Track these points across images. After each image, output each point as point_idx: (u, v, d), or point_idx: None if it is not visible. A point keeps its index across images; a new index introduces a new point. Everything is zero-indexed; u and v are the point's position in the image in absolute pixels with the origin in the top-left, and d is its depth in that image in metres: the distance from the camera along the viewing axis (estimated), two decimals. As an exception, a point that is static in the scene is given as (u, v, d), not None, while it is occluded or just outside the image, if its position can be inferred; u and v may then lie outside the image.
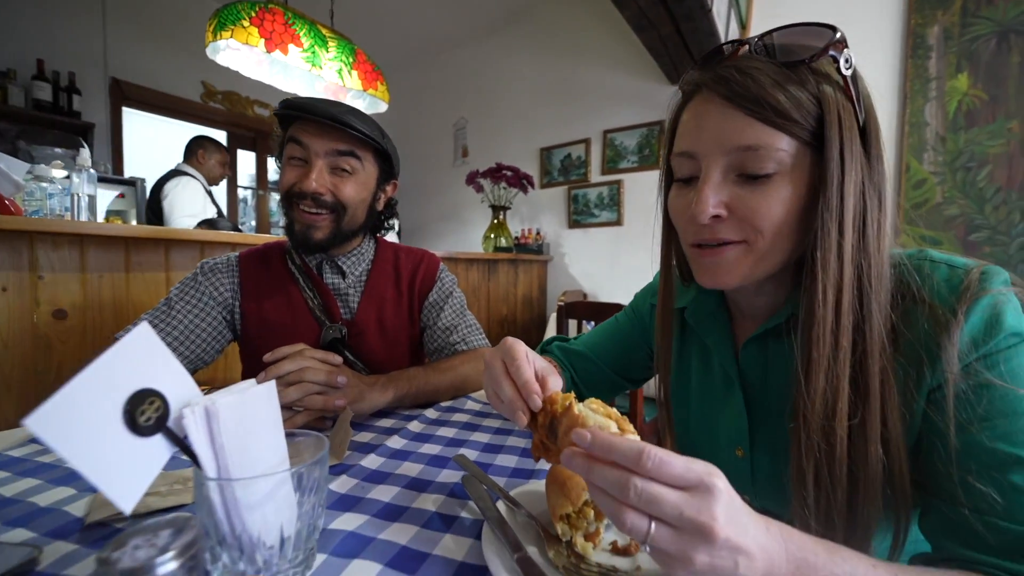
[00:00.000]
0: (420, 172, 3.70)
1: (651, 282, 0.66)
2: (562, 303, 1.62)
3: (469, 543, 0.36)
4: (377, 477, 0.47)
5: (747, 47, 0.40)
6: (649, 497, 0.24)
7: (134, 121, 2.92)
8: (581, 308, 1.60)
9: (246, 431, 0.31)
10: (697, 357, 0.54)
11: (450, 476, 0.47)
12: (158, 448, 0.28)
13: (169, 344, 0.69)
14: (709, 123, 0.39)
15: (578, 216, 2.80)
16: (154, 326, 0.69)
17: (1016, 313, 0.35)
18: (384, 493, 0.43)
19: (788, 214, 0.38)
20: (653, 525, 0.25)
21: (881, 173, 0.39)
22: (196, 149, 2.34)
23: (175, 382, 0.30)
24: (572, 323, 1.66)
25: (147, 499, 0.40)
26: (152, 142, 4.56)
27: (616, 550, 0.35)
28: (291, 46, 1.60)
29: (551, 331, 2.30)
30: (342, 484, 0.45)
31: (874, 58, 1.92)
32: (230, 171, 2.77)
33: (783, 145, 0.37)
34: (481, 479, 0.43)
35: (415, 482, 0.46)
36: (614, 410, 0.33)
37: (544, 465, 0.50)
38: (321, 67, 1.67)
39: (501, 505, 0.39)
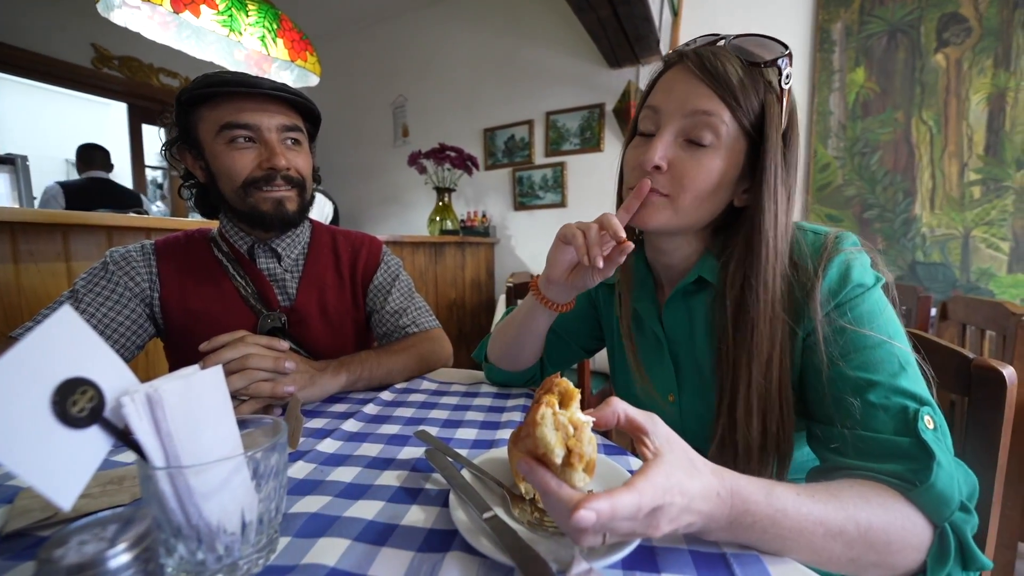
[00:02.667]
0: (357, 152, 3.51)
1: None
2: (510, 285, 1.65)
3: (436, 511, 0.37)
4: (336, 460, 0.46)
5: (723, 41, 0.48)
6: (611, 531, 0.27)
7: (11, 90, 2.48)
8: (528, 289, 1.64)
9: (194, 418, 0.30)
10: (633, 322, 0.62)
11: (412, 453, 0.48)
12: (95, 441, 0.26)
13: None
14: (679, 86, 0.47)
15: (523, 198, 2.82)
16: (62, 320, 0.62)
17: (862, 268, 0.44)
18: (345, 474, 0.43)
19: (711, 183, 0.46)
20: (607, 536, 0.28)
21: (794, 177, 0.47)
22: None
23: (108, 370, 0.28)
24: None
25: (78, 502, 0.36)
26: (35, 115, 3.91)
27: (575, 501, 0.38)
28: (203, 7, 1.43)
29: (499, 314, 2.32)
30: (300, 469, 0.44)
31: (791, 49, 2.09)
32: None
33: (726, 119, 0.45)
34: (444, 451, 0.44)
35: (376, 461, 0.46)
36: (579, 419, 0.30)
37: (503, 435, 0.52)
38: (241, 33, 1.52)
39: (465, 473, 0.40)
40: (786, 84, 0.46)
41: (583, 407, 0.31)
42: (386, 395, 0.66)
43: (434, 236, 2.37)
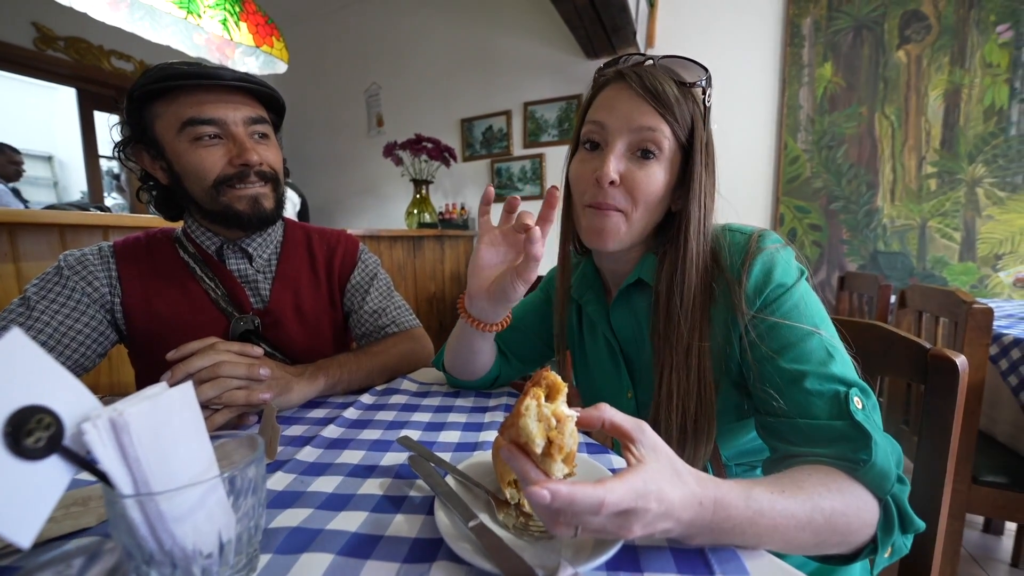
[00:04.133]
0: (330, 142, 3.40)
1: (555, 264, 0.74)
2: (491, 277, 1.64)
3: (421, 519, 0.37)
4: (316, 469, 0.45)
5: (652, 61, 0.52)
6: (580, 524, 0.28)
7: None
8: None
9: (164, 439, 0.28)
10: (587, 327, 0.65)
11: (394, 459, 0.47)
12: (55, 471, 0.24)
13: (36, 350, 0.58)
14: (622, 104, 0.50)
15: (502, 190, 2.80)
16: (11, 330, 0.58)
17: (784, 266, 0.47)
18: (326, 484, 0.42)
19: (659, 191, 0.50)
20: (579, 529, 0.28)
21: (713, 180, 0.52)
22: None
23: (66, 394, 0.26)
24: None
25: (37, 529, 0.34)
26: (-31, 98, 3.62)
27: (560, 504, 0.38)
28: (158, -14, 1.35)
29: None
30: (279, 481, 0.43)
31: (761, 44, 2.13)
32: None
33: (668, 134, 0.49)
34: (428, 457, 0.44)
35: (358, 469, 0.45)
36: (563, 413, 0.31)
37: (487, 436, 0.52)
38: (200, 15, 1.44)
39: (450, 479, 0.40)
40: (709, 102, 0.51)
41: (570, 404, 0.32)
42: (367, 398, 0.65)
43: (412, 230, 2.34)
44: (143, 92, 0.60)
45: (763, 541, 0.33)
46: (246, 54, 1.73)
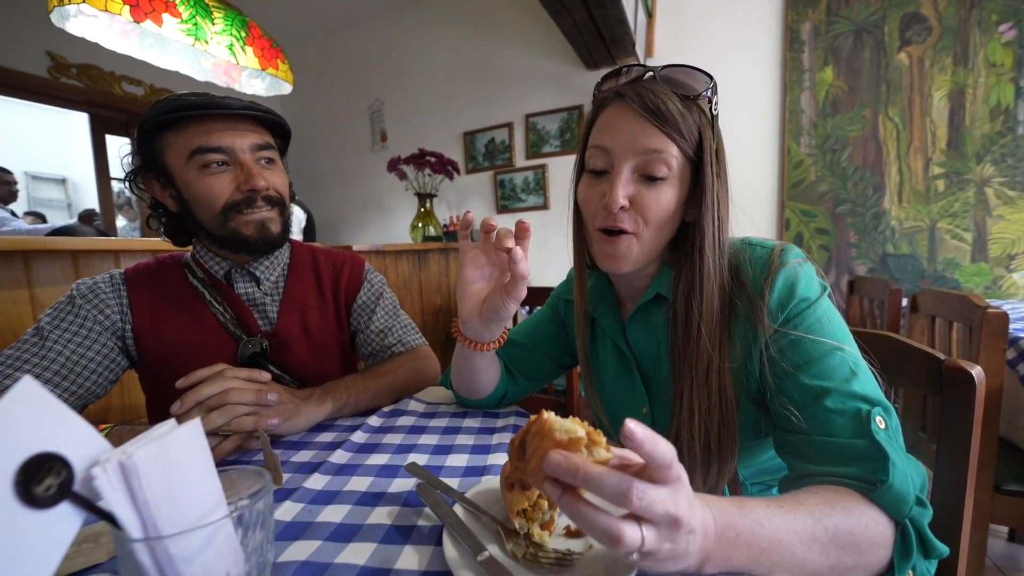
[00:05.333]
0: (335, 158, 3.44)
1: (563, 280, 0.74)
2: (496, 290, 1.64)
3: (430, 551, 0.36)
4: (324, 498, 0.45)
5: (652, 73, 0.50)
6: (649, 500, 0.25)
7: (-43, 101, 2.36)
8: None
9: (172, 480, 0.29)
10: (601, 340, 0.63)
11: (402, 485, 0.47)
12: (65, 517, 0.24)
13: (49, 380, 0.59)
14: (624, 126, 0.48)
15: (506, 201, 2.82)
16: (26, 361, 0.59)
17: (807, 280, 0.46)
18: (334, 514, 0.42)
19: (670, 210, 0.49)
20: (644, 530, 0.26)
21: (727, 189, 0.50)
22: None
23: (76, 437, 0.26)
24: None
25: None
26: (-13, 126, 3.72)
27: (570, 533, 0.38)
28: (166, 15, 1.38)
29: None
30: (287, 511, 0.43)
31: (761, 50, 2.14)
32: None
33: (675, 153, 0.48)
34: (435, 484, 0.43)
35: (366, 496, 0.45)
36: (582, 423, 0.31)
37: (495, 460, 0.51)
38: (207, 42, 1.47)
39: (458, 508, 0.40)
40: (715, 110, 0.50)
41: (575, 413, 0.32)
42: (374, 420, 0.65)
43: (417, 243, 2.35)
44: (154, 123, 0.62)
45: (774, 561, 0.32)
46: (252, 77, 1.77)
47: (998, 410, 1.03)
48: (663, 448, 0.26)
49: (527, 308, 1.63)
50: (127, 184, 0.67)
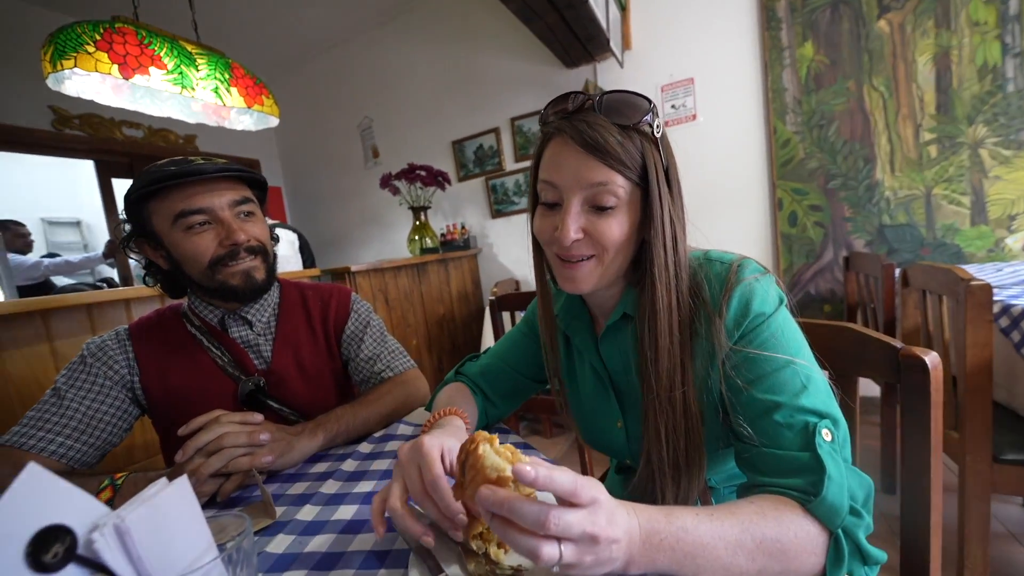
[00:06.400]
0: (331, 177, 3.52)
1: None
2: (493, 298, 1.67)
3: (400, 574, 0.41)
4: (314, 528, 0.50)
5: (591, 101, 0.50)
6: (565, 524, 0.30)
7: (-29, 161, 2.49)
8: (512, 300, 1.66)
9: (162, 534, 0.33)
10: (576, 356, 0.65)
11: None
12: (71, 577, 0.29)
13: (68, 436, 0.65)
14: (568, 162, 0.49)
15: (499, 205, 2.85)
16: (47, 420, 0.65)
17: (762, 296, 0.48)
18: (321, 544, 0.47)
19: (624, 236, 0.50)
20: (563, 547, 0.30)
21: (680, 206, 0.51)
22: None
23: (78, 508, 0.31)
24: (506, 315, 1.72)
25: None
26: (3, 180, 3.89)
27: (524, 549, 0.42)
28: (153, 68, 1.45)
29: (487, 326, 2.36)
30: (280, 543, 0.47)
31: (738, 31, 2.12)
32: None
33: (620, 183, 0.49)
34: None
35: (351, 524, 0.50)
36: (510, 447, 0.37)
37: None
38: (193, 89, 1.54)
39: (427, 532, 0.44)
40: (658, 132, 0.50)
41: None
42: (364, 447, 0.69)
43: (415, 257, 2.40)
44: (138, 195, 0.67)
45: (700, 565, 0.35)
46: (240, 114, 1.83)
47: (989, 381, 1.03)
48: (560, 480, 0.30)
49: (511, 314, 1.67)
50: (122, 249, 0.73)
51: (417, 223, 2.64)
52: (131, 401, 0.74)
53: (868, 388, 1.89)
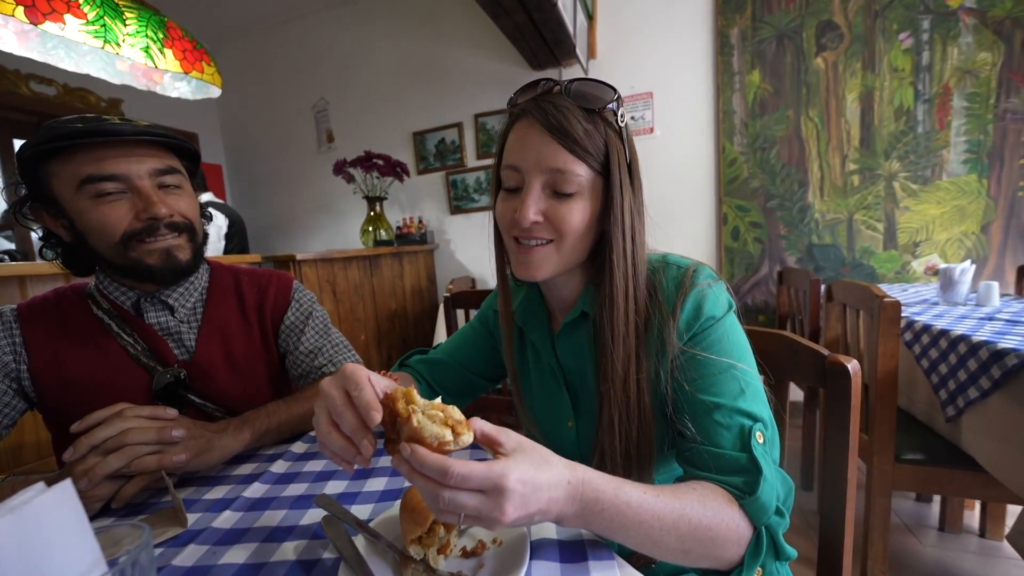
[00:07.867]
0: (280, 160, 3.30)
1: (493, 291, 0.74)
2: (448, 294, 1.64)
3: (328, 585, 0.37)
4: (232, 537, 0.45)
5: (559, 87, 0.50)
6: (454, 505, 0.32)
7: None
8: (467, 297, 1.63)
9: (34, 549, 0.28)
10: (531, 353, 0.64)
11: (315, 516, 0.47)
12: None
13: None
14: (532, 144, 0.49)
15: (459, 202, 2.81)
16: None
17: (714, 300, 0.50)
18: (239, 554, 0.42)
19: (583, 223, 0.50)
20: (468, 498, 0.32)
21: (641, 200, 0.52)
22: None
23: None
24: (460, 312, 1.69)
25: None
26: None
27: (465, 554, 0.40)
28: (68, 16, 1.28)
29: (440, 322, 2.31)
30: (189, 556, 0.42)
31: (696, 53, 2.23)
32: None
33: (581, 171, 0.49)
34: (341, 516, 0.44)
35: (276, 532, 0.45)
36: (455, 413, 0.35)
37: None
38: (119, 44, 1.37)
39: (360, 539, 0.41)
40: (622, 122, 0.50)
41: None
42: (298, 447, 0.64)
43: (367, 249, 2.30)
44: (34, 152, 0.58)
45: (631, 536, 0.37)
46: (175, 79, 1.67)
47: (895, 389, 1.14)
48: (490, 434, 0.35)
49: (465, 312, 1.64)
50: (13, 215, 0.62)
51: (372, 214, 2.53)
52: (16, 393, 0.64)
53: (793, 393, 2.05)
